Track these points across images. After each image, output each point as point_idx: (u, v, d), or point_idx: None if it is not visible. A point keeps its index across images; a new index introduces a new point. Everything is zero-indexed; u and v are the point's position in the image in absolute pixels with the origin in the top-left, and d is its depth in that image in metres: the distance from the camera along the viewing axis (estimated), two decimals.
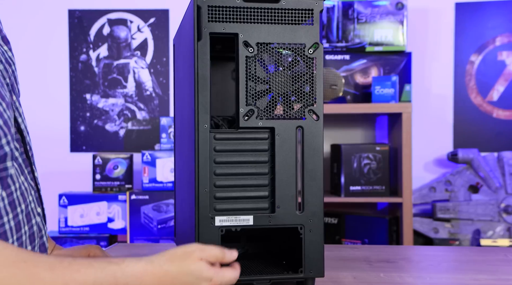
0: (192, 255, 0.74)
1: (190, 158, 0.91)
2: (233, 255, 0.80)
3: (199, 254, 0.75)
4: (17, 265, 0.58)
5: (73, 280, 0.62)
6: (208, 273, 0.74)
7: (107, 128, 2.75)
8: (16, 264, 0.58)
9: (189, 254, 0.74)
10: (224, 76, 1.15)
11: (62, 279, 0.61)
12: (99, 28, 2.74)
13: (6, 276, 0.57)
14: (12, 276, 0.57)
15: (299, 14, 0.90)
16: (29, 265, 0.59)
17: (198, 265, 0.74)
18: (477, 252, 1.29)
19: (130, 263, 0.69)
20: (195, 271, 0.73)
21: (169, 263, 0.72)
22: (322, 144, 0.91)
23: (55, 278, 0.61)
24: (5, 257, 0.58)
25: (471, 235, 2.44)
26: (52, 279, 0.60)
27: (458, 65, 2.63)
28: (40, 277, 0.59)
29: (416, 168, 2.56)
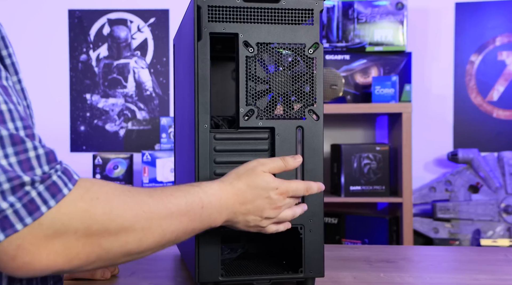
0: (255, 170, 0.81)
1: (190, 158, 0.91)
2: (297, 160, 0.86)
3: (261, 168, 0.81)
4: (125, 193, 0.67)
5: (170, 202, 0.71)
6: (273, 183, 0.81)
7: (107, 128, 2.75)
8: (124, 192, 0.67)
9: (252, 170, 0.81)
10: (224, 76, 1.15)
11: (161, 202, 0.70)
12: (99, 28, 2.74)
13: (121, 203, 0.65)
14: (125, 203, 0.66)
15: (299, 14, 0.90)
16: (133, 193, 0.68)
17: (263, 177, 0.81)
18: (477, 252, 1.29)
19: (207, 184, 0.78)
20: (262, 183, 0.80)
21: (237, 180, 0.80)
22: (322, 144, 0.91)
23: (156, 201, 0.70)
24: (113, 189, 0.66)
25: (471, 235, 2.44)
26: (154, 202, 0.69)
27: (458, 65, 2.63)
28: (145, 201, 0.68)
29: (416, 168, 2.56)
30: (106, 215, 0.63)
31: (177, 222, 0.71)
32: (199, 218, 0.75)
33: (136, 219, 0.66)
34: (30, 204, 0.57)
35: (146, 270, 1.08)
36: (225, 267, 0.96)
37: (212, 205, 0.76)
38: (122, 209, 0.65)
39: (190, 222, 0.74)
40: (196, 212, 0.74)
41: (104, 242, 0.63)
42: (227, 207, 0.78)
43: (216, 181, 0.80)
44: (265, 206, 0.80)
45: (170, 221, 0.70)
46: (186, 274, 1.05)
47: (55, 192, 0.59)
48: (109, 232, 0.63)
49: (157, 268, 1.10)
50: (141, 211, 0.67)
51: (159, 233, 0.69)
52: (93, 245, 0.62)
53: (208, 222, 0.77)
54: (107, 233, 0.63)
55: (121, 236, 0.64)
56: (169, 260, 1.17)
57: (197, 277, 0.88)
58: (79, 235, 0.61)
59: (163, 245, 0.72)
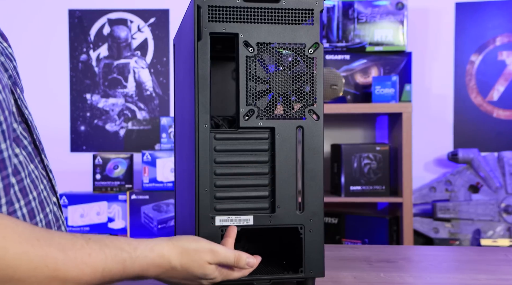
0: (203, 257, 0.76)
1: (190, 158, 0.91)
2: (250, 263, 0.81)
3: (210, 258, 0.76)
4: (30, 242, 0.59)
5: (84, 263, 0.63)
6: (212, 275, 0.77)
7: (107, 128, 2.75)
8: (29, 241, 0.59)
9: (201, 255, 0.75)
10: (224, 76, 1.15)
11: (73, 261, 0.62)
12: (99, 28, 2.74)
13: (19, 253, 0.57)
14: (24, 254, 0.58)
15: (299, 14, 0.90)
16: (42, 243, 0.60)
17: (204, 269, 0.76)
18: (477, 252, 1.29)
19: (142, 253, 0.70)
20: (199, 274, 0.76)
21: (179, 258, 0.74)
22: (322, 144, 0.91)
23: (67, 259, 0.61)
24: (18, 234, 0.58)
25: (471, 235, 2.44)
26: (63, 259, 0.61)
27: (458, 65, 2.63)
28: (52, 256, 0.60)
29: (416, 168, 2.56)
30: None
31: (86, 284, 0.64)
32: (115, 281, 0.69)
33: (33, 273, 0.58)
34: None
35: None
36: None
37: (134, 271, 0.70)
38: (18, 259, 0.57)
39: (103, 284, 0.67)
40: (113, 278, 0.68)
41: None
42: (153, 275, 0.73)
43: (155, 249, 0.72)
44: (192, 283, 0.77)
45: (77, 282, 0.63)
46: None
47: None
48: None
49: None
50: (44, 266, 0.59)
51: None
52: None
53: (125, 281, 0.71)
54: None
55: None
56: None
57: None
58: None
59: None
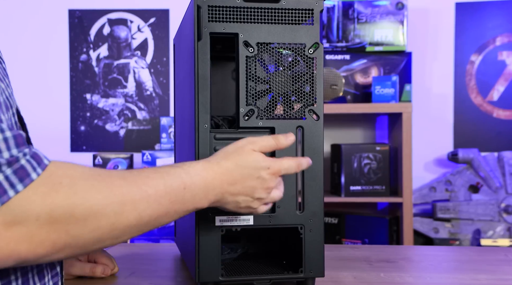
0: (245, 149, 0.78)
1: (190, 158, 0.91)
2: (289, 139, 0.83)
3: (251, 147, 0.78)
4: (94, 177, 0.62)
5: (145, 184, 0.67)
6: (264, 163, 0.78)
7: (107, 128, 2.75)
8: (93, 176, 0.62)
9: (241, 148, 0.78)
10: (224, 76, 1.15)
11: (135, 184, 0.66)
12: (99, 28, 2.74)
13: (87, 187, 0.61)
14: (92, 187, 0.61)
15: (299, 14, 0.90)
16: (103, 177, 0.63)
17: (253, 156, 0.77)
18: (477, 252, 1.29)
19: (191, 164, 0.74)
20: (252, 162, 0.77)
21: (225, 159, 0.76)
22: (322, 144, 0.91)
23: (129, 184, 0.65)
24: (81, 172, 0.61)
25: (471, 235, 2.44)
26: (127, 185, 0.65)
27: (458, 65, 2.63)
28: (116, 184, 0.64)
29: (416, 168, 2.56)
30: (70, 200, 0.58)
31: (155, 205, 0.67)
32: (181, 200, 0.70)
33: (105, 202, 0.61)
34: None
35: (146, 270, 1.08)
36: (225, 267, 0.96)
37: (195, 186, 0.72)
38: (89, 193, 0.60)
39: (171, 204, 0.69)
40: (178, 194, 0.70)
41: (71, 228, 0.59)
42: (213, 187, 0.74)
43: (201, 160, 0.76)
44: (256, 186, 0.77)
45: (146, 204, 0.66)
46: (186, 274, 1.05)
47: (23, 176, 0.56)
48: (75, 218, 0.59)
49: (157, 268, 1.10)
50: (112, 194, 0.62)
51: (135, 216, 0.65)
52: (59, 232, 0.58)
53: (193, 204, 0.73)
54: (73, 219, 0.59)
55: (90, 222, 0.60)
56: (169, 260, 1.17)
57: (197, 277, 0.88)
58: (42, 222, 0.57)
59: (141, 229, 0.67)
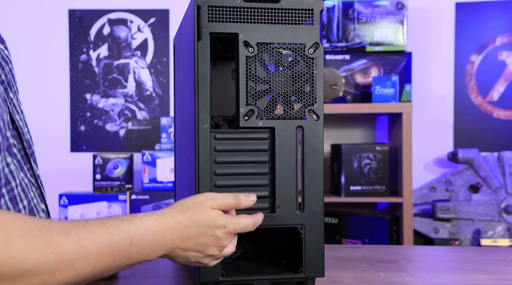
0: (203, 205, 0.75)
1: (190, 158, 0.91)
2: (250, 200, 0.80)
3: (209, 204, 0.75)
4: (32, 233, 0.59)
5: (88, 241, 0.63)
6: (221, 221, 0.75)
7: (107, 128, 2.75)
8: (31, 232, 0.59)
9: (200, 205, 0.75)
10: (224, 76, 1.15)
11: (77, 242, 0.62)
12: (99, 28, 2.74)
13: (22, 245, 0.58)
14: (28, 244, 0.58)
15: (299, 14, 0.90)
16: (43, 232, 0.60)
17: (210, 214, 0.75)
18: (477, 252, 1.29)
19: (142, 218, 0.70)
20: (208, 221, 0.74)
21: (181, 214, 0.73)
22: (322, 144, 0.91)
23: (71, 241, 0.62)
24: (19, 227, 0.59)
25: (471, 235, 2.44)
26: (67, 242, 0.61)
27: (458, 65, 2.63)
28: (56, 242, 0.60)
29: (416, 168, 2.56)
30: (1, 259, 0.56)
31: (95, 262, 0.64)
32: (126, 255, 0.68)
33: (40, 261, 0.59)
34: None
35: (146, 270, 1.08)
36: (225, 267, 0.96)
37: (143, 241, 0.69)
38: (22, 252, 0.58)
39: (113, 261, 0.66)
40: (123, 250, 0.67)
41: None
42: (163, 243, 0.71)
43: (155, 213, 0.73)
44: (209, 244, 0.75)
45: (85, 261, 0.63)
46: (186, 274, 1.05)
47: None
48: (4, 276, 0.57)
49: (157, 268, 1.10)
50: (48, 252, 0.60)
51: (71, 274, 0.62)
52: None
53: (139, 259, 0.70)
54: (1, 277, 0.57)
55: (19, 281, 0.58)
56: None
57: (197, 277, 0.88)
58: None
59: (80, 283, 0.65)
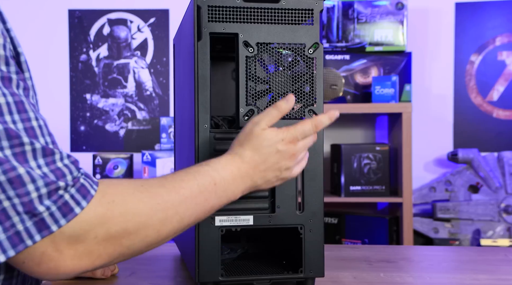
0: (253, 132, 0.80)
1: (190, 158, 0.91)
2: (290, 101, 0.83)
3: (258, 128, 0.80)
4: (138, 190, 0.68)
5: (182, 188, 0.72)
6: (277, 137, 0.80)
7: (107, 128, 2.75)
8: (137, 189, 0.68)
9: (250, 133, 0.80)
10: (224, 76, 1.15)
11: (174, 190, 0.71)
12: (99, 28, 2.74)
13: (135, 201, 0.66)
14: (139, 201, 0.67)
15: (299, 14, 0.90)
16: (146, 187, 0.69)
17: (263, 135, 0.80)
18: (477, 252, 1.29)
19: (215, 161, 0.78)
20: (265, 141, 0.80)
21: (241, 148, 0.80)
22: (322, 144, 0.91)
23: (169, 191, 0.70)
24: (126, 187, 0.67)
25: (471, 235, 2.44)
26: (167, 192, 0.70)
27: (458, 65, 2.63)
28: (158, 194, 0.69)
29: (416, 168, 2.56)
30: (123, 217, 0.64)
31: (192, 205, 0.72)
32: (214, 196, 0.75)
33: (152, 212, 0.67)
34: (64, 206, 0.60)
35: (146, 270, 1.08)
36: (225, 267, 0.96)
37: (225, 180, 0.77)
38: (138, 207, 0.66)
39: (207, 202, 0.74)
40: (210, 191, 0.75)
41: (125, 241, 0.65)
42: (241, 177, 0.79)
43: (223, 156, 0.80)
44: (279, 160, 0.81)
45: (185, 206, 0.71)
46: (186, 274, 1.05)
47: (85, 194, 0.62)
48: (128, 231, 0.65)
49: (157, 268, 1.10)
50: (156, 203, 0.68)
51: (177, 219, 0.70)
52: (114, 245, 0.64)
53: (227, 196, 0.78)
54: (126, 233, 0.65)
55: (140, 232, 0.66)
56: (169, 260, 1.17)
57: (197, 277, 0.88)
58: (100, 239, 0.63)
59: (184, 229, 0.73)
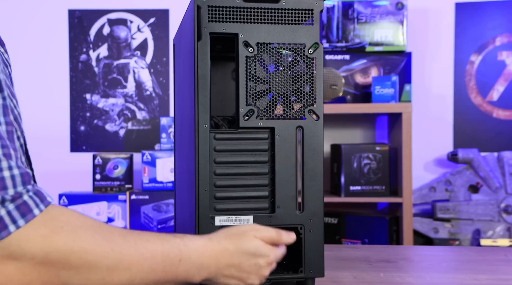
0: (247, 234, 0.78)
1: (190, 158, 0.91)
2: (291, 238, 0.83)
3: (254, 233, 0.79)
4: (94, 229, 0.62)
5: (144, 248, 0.66)
6: (264, 250, 0.78)
7: (107, 128, 2.75)
8: (94, 228, 0.63)
9: (244, 233, 0.78)
10: (224, 76, 1.15)
11: (134, 247, 0.65)
12: (99, 28, 2.74)
13: (88, 237, 0.61)
14: (93, 237, 0.61)
15: (299, 14, 0.90)
16: (104, 230, 0.63)
17: (254, 242, 0.78)
18: (477, 252, 1.29)
19: (191, 238, 0.73)
20: (252, 249, 0.77)
21: (227, 240, 0.76)
22: (322, 144, 0.91)
23: (129, 245, 0.65)
24: (83, 222, 0.62)
25: (471, 235, 2.44)
26: (126, 245, 0.64)
27: (458, 65, 2.63)
28: (116, 241, 0.64)
29: (416, 168, 2.56)
30: (68, 246, 0.59)
31: (149, 270, 0.66)
32: (174, 271, 0.69)
33: (102, 256, 0.61)
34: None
35: None
36: None
37: (191, 260, 0.71)
38: (87, 244, 0.60)
39: (164, 273, 0.68)
40: (173, 264, 0.69)
41: (63, 274, 0.59)
42: (208, 266, 0.73)
43: (202, 236, 0.76)
44: (250, 272, 0.77)
45: (140, 267, 0.65)
46: None
47: (25, 212, 0.57)
48: (69, 264, 0.59)
49: None
50: (109, 249, 0.62)
51: (127, 277, 0.64)
52: (50, 274, 0.58)
53: (184, 278, 0.71)
54: (67, 265, 0.59)
55: (82, 271, 0.60)
56: None
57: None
58: (36, 261, 0.57)
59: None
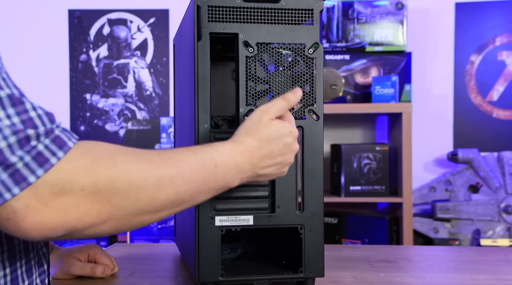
0: (262, 121, 0.79)
1: None
2: (297, 94, 0.84)
3: (266, 117, 0.80)
4: (131, 152, 0.65)
5: (180, 160, 0.69)
6: (285, 129, 0.80)
7: (107, 128, 2.75)
8: (130, 152, 0.65)
9: (259, 122, 0.79)
10: (224, 76, 1.15)
11: (170, 161, 0.68)
12: (99, 28, 2.74)
13: (128, 161, 0.64)
14: (131, 161, 0.64)
15: (299, 14, 0.90)
16: (139, 152, 0.66)
17: (272, 126, 0.79)
18: (477, 252, 1.29)
19: (219, 144, 0.76)
20: (274, 133, 0.79)
21: (249, 137, 0.78)
22: (322, 144, 0.91)
23: (166, 161, 0.68)
24: (118, 148, 0.65)
25: (471, 235, 2.44)
26: (164, 161, 0.67)
27: (458, 65, 2.63)
28: (154, 160, 0.66)
29: (416, 168, 2.56)
30: (111, 172, 0.61)
31: (190, 181, 0.69)
32: (213, 178, 0.73)
33: (144, 175, 0.64)
34: (39, 156, 0.56)
35: (146, 270, 1.08)
36: (225, 267, 0.96)
37: (226, 165, 0.74)
38: (128, 166, 0.63)
39: (204, 181, 0.71)
40: (210, 171, 0.72)
41: (114, 199, 0.61)
42: (243, 166, 0.76)
43: (228, 141, 0.78)
44: (284, 153, 0.80)
45: (182, 180, 0.68)
46: (186, 274, 1.05)
47: (61, 144, 0.58)
48: (117, 189, 0.61)
49: (157, 268, 1.10)
50: (150, 168, 0.65)
51: (173, 191, 0.67)
52: (102, 202, 0.61)
53: (225, 182, 0.75)
54: (115, 190, 0.61)
55: (131, 193, 0.63)
56: (169, 260, 1.17)
57: (197, 277, 0.88)
58: (86, 192, 0.59)
59: (178, 205, 0.69)
